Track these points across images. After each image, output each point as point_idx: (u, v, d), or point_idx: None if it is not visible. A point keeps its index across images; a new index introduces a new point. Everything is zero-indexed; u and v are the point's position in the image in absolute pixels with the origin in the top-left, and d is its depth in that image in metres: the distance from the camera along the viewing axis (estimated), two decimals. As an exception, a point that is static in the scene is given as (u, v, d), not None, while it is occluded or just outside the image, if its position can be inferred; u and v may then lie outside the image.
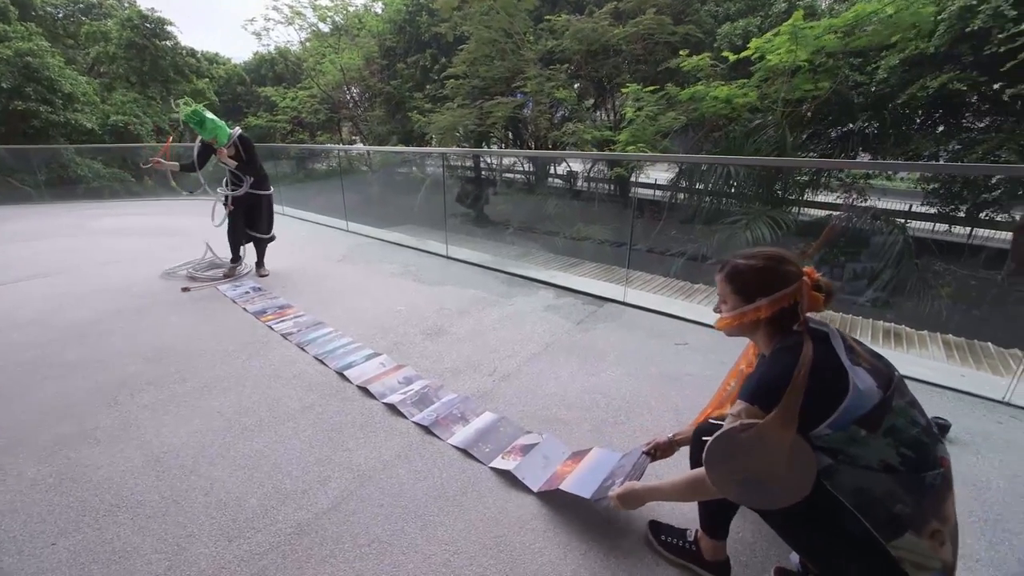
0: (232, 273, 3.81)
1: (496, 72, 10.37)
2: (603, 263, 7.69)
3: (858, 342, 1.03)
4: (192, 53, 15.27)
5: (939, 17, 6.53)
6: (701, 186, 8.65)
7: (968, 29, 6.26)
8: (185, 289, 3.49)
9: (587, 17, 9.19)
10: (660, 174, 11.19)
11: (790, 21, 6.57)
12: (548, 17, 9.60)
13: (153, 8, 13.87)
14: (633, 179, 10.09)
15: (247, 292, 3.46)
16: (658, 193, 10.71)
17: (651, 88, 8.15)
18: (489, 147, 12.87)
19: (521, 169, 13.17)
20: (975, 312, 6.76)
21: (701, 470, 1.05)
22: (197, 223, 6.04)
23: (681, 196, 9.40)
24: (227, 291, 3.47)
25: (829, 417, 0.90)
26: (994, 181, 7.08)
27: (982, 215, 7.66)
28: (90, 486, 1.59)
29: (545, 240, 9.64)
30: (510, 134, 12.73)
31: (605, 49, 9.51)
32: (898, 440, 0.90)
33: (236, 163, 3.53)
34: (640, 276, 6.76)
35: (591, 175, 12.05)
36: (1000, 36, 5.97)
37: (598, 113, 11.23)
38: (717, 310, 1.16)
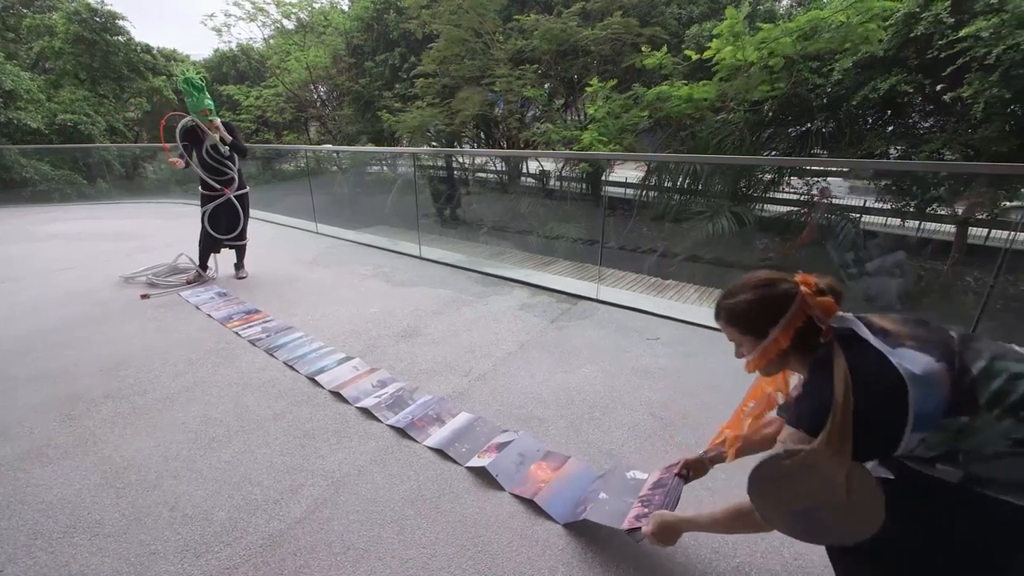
0: (196, 280, 3.66)
1: (466, 71, 10.33)
2: (576, 261, 7.79)
3: (889, 318, 0.88)
4: (147, 49, 14.52)
5: (887, 23, 6.89)
6: (669, 184, 8.87)
7: (912, 34, 6.63)
8: (144, 296, 3.33)
9: (556, 17, 9.27)
10: (630, 172, 11.40)
11: (726, 21, 6.80)
12: (517, 17, 9.62)
13: (103, 1, 13.12)
14: (604, 178, 10.25)
15: (212, 298, 3.33)
16: (628, 191, 10.91)
17: (613, 82, 8.29)
18: (461, 147, 12.81)
19: (494, 168, 13.17)
20: (925, 300, 7.18)
21: (746, 500, 0.93)
22: (154, 227, 5.78)
23: (650, 194, 9.61)
24: (190, 297, 3.33)
25: (906, 420, 0.76)
26: (938, 178, 7.55)
27: (929, 210, 8.14)
28: (42, 507, 1.50)
29: (519, 239, 9.67)
30: (482, 134, 12.70)
31: (574, 49, 9.62)
32: (1012, 405, 0.74)
33: (231, 137, 3.44)
34: (612, 273, 6.88)
35: (563, 174, 12.16)
36: (940, 42, 6.35)
37: (568, 113, 11.35)
38: (739, 356, 1.05)
